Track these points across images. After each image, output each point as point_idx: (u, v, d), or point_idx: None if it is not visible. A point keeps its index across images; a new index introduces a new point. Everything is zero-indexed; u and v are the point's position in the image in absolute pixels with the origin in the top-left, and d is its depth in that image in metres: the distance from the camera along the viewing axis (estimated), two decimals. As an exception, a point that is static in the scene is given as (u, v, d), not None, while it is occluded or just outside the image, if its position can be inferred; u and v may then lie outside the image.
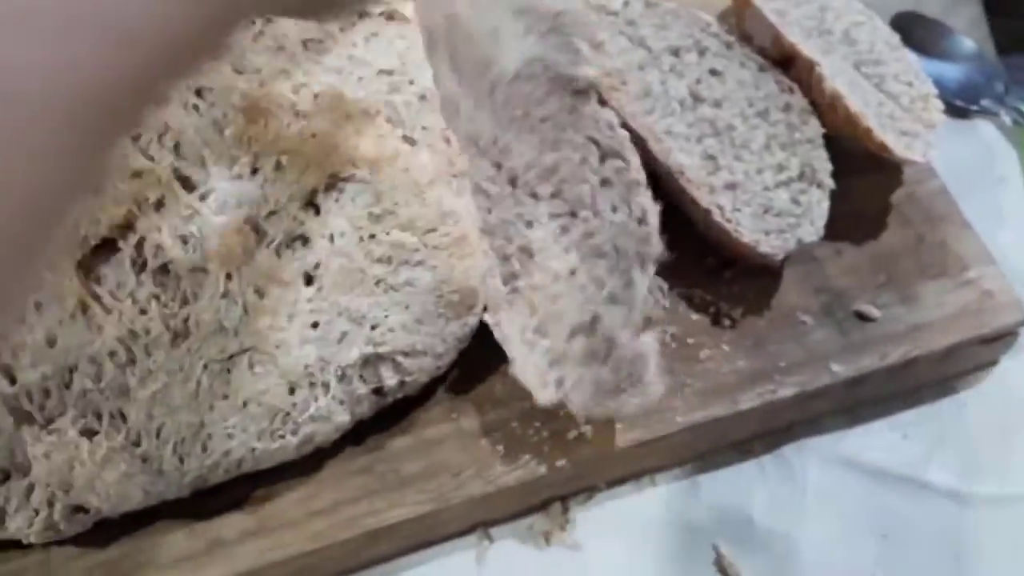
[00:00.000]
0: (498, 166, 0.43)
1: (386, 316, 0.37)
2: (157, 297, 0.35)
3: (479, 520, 0.40)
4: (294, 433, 0.37)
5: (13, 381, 0.34)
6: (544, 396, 0.36)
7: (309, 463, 0.39)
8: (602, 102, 0.44)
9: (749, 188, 0.43)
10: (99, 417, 0.35)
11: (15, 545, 0.37)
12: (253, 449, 0.36)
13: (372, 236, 0.37)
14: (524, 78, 0.45)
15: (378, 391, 0.38)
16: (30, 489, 0.35)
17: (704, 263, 0.44)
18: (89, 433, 0.35)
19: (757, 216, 0.42)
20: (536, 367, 0.37)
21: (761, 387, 0.41)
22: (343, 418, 0.38)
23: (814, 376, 0.41)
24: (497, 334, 0.38)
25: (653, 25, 0.49)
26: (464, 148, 0.41)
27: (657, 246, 0.39)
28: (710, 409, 0.40)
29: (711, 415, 0.40)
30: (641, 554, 0.40)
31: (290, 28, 0.40)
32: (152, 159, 0.36)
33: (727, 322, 0.43)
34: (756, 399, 0.41)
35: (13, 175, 0.21)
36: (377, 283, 0.37)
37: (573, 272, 0.39)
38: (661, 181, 0.43)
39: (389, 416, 0.40)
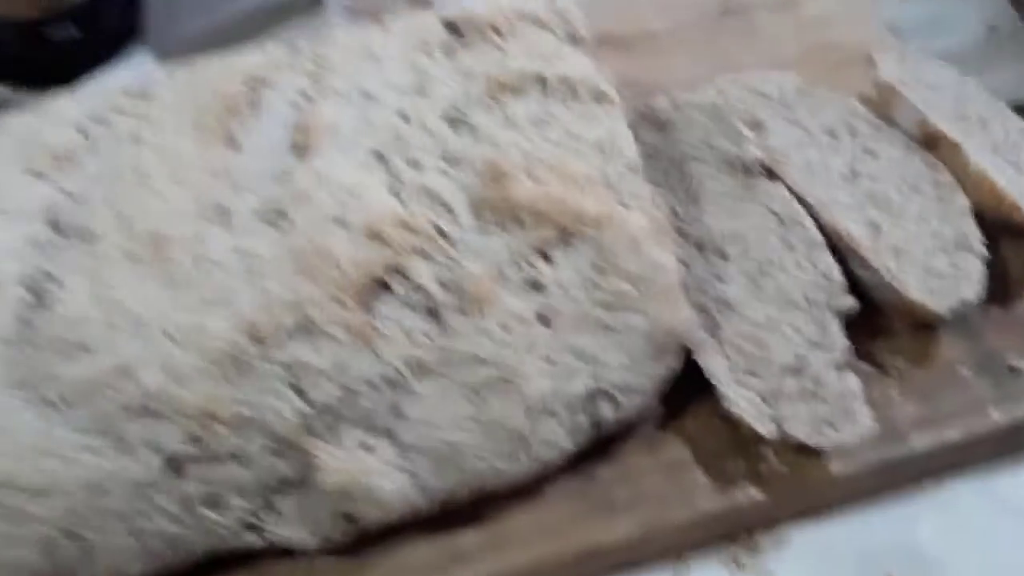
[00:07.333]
0: (682, 233, 0.53)
1: (607, 356, 0.46)
2: (424, 331, 0.44)
3: (677, 545, 0.48)
4: (529, 456, 0.45)
5: (304, 399, 0.43)
6: (765, 429, 0.45)
7: (530, 486, 0.47)
8: (770, 176, 0.54)
9: (912, 253, 0.52)
10: (376, 434, 0.44)
11: (283, 553, 0.45)
12: (496, 469, 0.45)
13: (596, 284, 0.46)
14: (694, 160, 0.55)
15: (595, 424, 0.47)
16: (308, 498, 0.44)
17: (870, 321, 0.52)
18: (367, 448, 0.43)
19: (921, 278, 0.51)
20: (752, 404, 0.46)
21: (930, 430, 0.49)
22: (568, 446, 0.46)
23: (976, 422, 0.50)
24: (709, 374, 0.47)
25: (807, 108, 0.59)
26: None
27: (848, 298, 0.48)
28: (884, 449, 0.49)
29: (886, 455, 0.49)
30: (823, 580, 0.48)
31: (519, 108, 0.50)
32: (414, 213, 0.46)
33: (894, 372, 0.51)
34: (926, 441, 0.49)
35: None
36: (600, 326, 0.46)
37: (772, 321, 0.48)
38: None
39: (594, 447, 0.48)
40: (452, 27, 0.55)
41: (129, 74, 0.72)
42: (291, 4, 0.77)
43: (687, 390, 0.49)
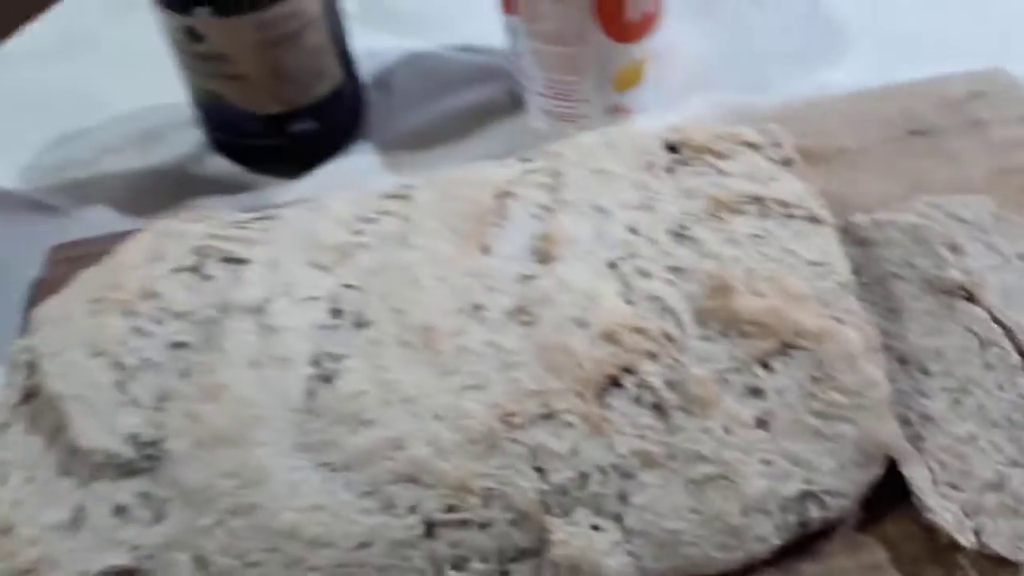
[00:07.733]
0: (886, 347, 0.57)
1: (819, 461, 0.50)
2: (651, 427, 0.50)
3: (875, 644, 0.52)
4: (741, 549, 0.50)
5: (544, 479, 0.49)
6: (965, 540, 0.49)
7: (737, 574, 0.52)
8: (969, 298, 0.58)
9: (1110, 381, 0.55)
10: (604, 517, 0.49)
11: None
12: (710, 557, 0.49)
13: (812, 395, 0.51)
14: (896, 277, 0.59)
15: (802, 523, 0.51)
16: (540, 568, 0.49)
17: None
18: (596, 528, 0.48)
19: (1116, 405, 0.54)
20: (952, 515, 0.49)
21: None
22: (776, 541, 0.50)
23: None
24: (911, 484, 0.51)
25: (1001, 233, 0.62)
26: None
27: (1047, 422, 0.52)
28: (1079, 568, 0.51)
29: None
30: None
31: (738, 226, 0.55)
32: (644, 318, 0.52)
33: (1089, 495, 0.54)
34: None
35: None
36: (814, 433, 0.50)
37: (973, 437, 0.52)
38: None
39: (797, 543, 0.52)
40: (672, 148, 0.61)
41: (354, 163, 0.81)
42: (496, 106, 0.85)
43: (887, 496, 0.53)
